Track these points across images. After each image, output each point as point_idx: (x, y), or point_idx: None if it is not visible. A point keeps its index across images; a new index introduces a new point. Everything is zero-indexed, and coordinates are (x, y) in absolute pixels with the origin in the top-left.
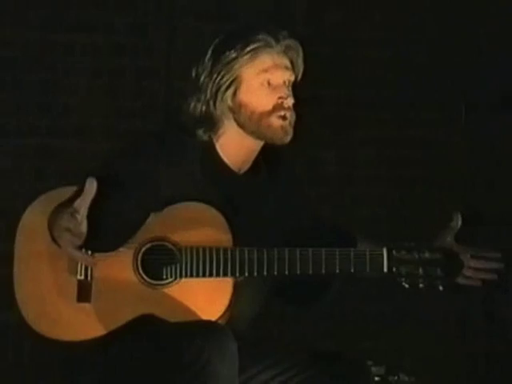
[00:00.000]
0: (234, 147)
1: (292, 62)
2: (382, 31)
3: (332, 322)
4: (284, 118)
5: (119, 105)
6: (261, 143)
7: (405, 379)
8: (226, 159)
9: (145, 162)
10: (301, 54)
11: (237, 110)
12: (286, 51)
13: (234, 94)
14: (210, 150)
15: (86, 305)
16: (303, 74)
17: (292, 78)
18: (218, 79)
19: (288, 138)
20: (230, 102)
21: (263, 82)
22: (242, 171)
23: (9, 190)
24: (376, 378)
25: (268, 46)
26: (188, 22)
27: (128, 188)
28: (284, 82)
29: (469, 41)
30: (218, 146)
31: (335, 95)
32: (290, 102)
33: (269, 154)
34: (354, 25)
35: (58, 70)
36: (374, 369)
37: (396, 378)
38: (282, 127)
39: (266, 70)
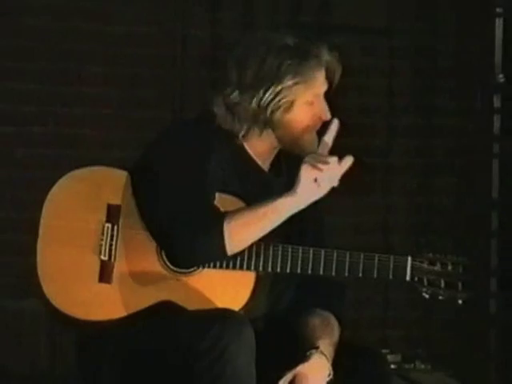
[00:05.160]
0: (260, 148)
1: (328, 73)
2: (396, 20)
3: (348, 310)
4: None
5: (134, 94)
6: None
7: (421, 367)
8: (252, 154)
9: (189, 154)
10: (340, 66)
11: (278, 126)
12: (327, 64)
13: (283, 112)
14: (237, 144)
15: (107, 286)
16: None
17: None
18: (279, 99)
19: (315, 149)
20: (277, 117)
21: (309, 100)
22: (265, 167)
23: (24, 179)
24: (392, 366)
25: (320, 63)
26: (203, 11)
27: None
28: (323, 96)
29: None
30: (245, 143)
31: (351, 83)
32: (328, 117)
33: (290, 158)
34: (368, 13)
35: (72, 59)
36: (390, 357)
37: (412, 365)
38: (313, 140)
39: (317, 87)
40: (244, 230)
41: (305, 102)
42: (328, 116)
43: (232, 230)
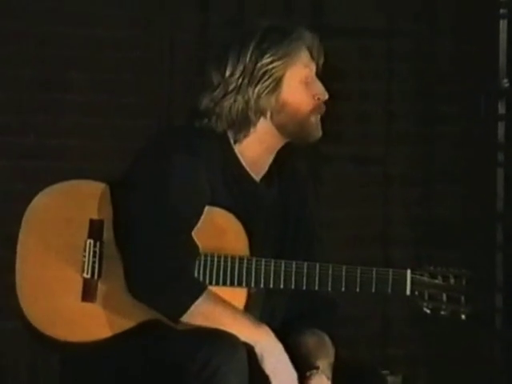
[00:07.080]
0: (258, 149)
1: (312, 55)
2: (396, 21)
3: (347, 329)
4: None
5: (121, 101)
6: (280, 145)
7: None
8: (244, 163)
9: (173, 170)
10: (321, 46)
11: (279, 110)
12: (309, 45)
13: (278, 94)
14: (228, 151)
15: (91, 305)
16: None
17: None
18: (263, 81)
19: (320, 134)
20: (273, 102)
21: (301, 79)
22: (258, 177)
23: (5, 192)
24: None
25: (303, 41)
26: (192, 15)
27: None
28: (316, 76)
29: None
30: (237, 148)
31: (348, 87)
32: (326, 96)
33: (283, 167)
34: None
35: (55, 65)
36: (390, 378)
37: None
38: (318, 124)
39: (306, 66)
40: (206, 318)
41: (298, 80)
42: (326, 95)
43: (202, 307)
